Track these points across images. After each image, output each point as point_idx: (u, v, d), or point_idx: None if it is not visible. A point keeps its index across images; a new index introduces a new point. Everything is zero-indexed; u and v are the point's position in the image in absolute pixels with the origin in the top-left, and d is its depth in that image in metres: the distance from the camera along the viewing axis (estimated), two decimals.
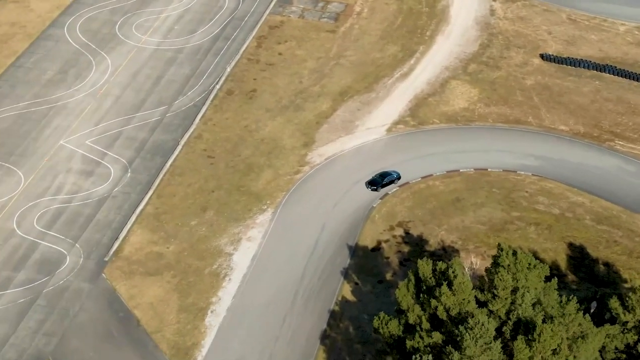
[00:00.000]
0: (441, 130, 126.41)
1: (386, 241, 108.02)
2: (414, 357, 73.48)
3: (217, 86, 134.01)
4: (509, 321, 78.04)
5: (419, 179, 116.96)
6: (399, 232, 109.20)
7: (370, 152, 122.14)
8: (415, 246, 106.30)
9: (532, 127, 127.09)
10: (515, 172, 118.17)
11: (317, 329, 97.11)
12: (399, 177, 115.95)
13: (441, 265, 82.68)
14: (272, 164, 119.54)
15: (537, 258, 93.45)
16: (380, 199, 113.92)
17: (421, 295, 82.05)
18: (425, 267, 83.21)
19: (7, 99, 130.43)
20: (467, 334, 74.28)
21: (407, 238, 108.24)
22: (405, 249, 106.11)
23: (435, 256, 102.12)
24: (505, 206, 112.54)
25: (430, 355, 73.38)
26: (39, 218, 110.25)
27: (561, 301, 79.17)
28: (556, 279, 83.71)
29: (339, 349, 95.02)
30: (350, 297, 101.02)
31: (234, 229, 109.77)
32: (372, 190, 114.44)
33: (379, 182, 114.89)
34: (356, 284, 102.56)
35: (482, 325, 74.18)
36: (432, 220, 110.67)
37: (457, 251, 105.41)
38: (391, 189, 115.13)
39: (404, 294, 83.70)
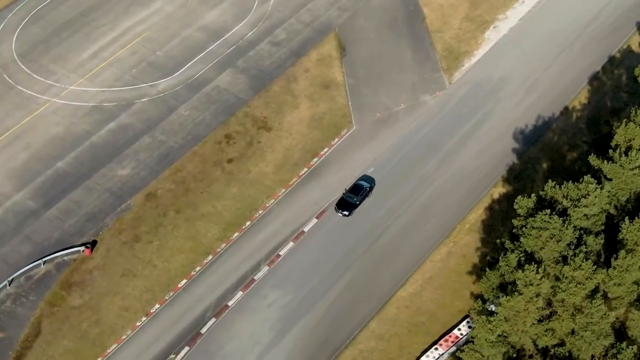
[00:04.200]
0: None
1: None
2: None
3: None
4: None
5: None
6: None
7: None
8: None
9: None
10: None
11: (590, 70, 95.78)
12: (373, 186, 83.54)
13: None
14: None
15: None
16: None
17: None
18: None
19: None
20: None
21: None
22: None
23: None
24: None
25: None
26: None
27: None
28: None
29: (604, 91, 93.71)
30: (636, 48, 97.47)
31: None
32: (343, 216, 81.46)
33: (353, 203, 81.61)
34: None
35: None
36: None
37: None
38: None
39: None
